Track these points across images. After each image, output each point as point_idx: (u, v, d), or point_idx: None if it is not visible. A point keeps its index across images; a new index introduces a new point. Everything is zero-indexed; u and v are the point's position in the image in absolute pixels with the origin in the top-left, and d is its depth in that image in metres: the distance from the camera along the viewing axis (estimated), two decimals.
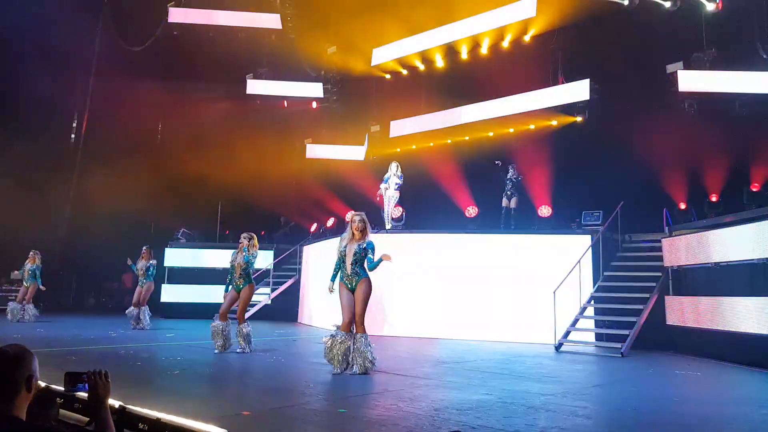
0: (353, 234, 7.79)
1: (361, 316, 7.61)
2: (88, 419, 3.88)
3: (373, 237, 8.07)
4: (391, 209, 13.79)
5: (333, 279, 7.95)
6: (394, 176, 13.68)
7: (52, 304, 15.54)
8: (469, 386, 7.02)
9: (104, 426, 2.58)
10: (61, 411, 4.65)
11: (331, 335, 7.66)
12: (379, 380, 7.29)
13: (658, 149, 12.80)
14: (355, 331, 7.59)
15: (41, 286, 14.96)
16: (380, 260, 7.71)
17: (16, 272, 17.87)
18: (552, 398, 6.22)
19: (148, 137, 18.74)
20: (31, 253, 15.22)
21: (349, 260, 7.71)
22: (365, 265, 7.73)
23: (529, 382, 7.54)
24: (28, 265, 15.10)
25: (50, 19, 17.57)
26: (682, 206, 13.22)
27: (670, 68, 13.81)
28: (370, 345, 7.57)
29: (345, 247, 7.81)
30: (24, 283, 15.10)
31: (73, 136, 21.62)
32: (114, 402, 4.30)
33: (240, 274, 9.78)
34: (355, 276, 7.69)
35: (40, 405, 3.52)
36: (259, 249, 12.15)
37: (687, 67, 13.62)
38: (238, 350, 9.41)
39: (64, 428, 2.67)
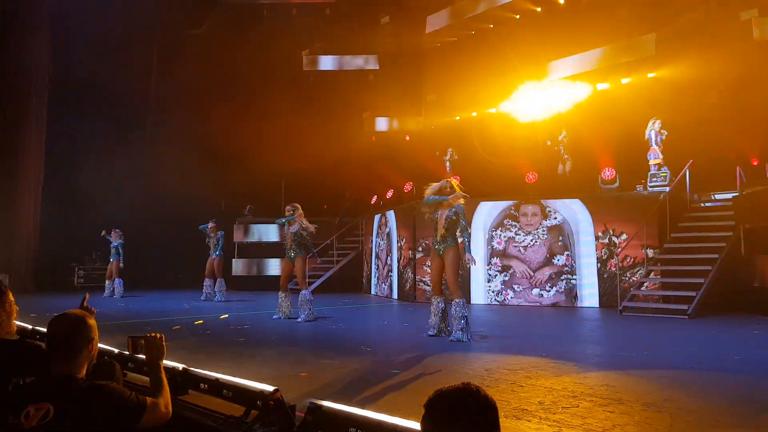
0: (441, 203, 7.81)
1: (453, 283, 7.72)
2: None
3: None
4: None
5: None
6: (654, 131, 12.74)
7: (132, 280, 16.41)
8: (525, 348, 7.06)
9: (159, 385, 2.78)
10: (131, 374, 5.05)
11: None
12: (438, 343, 7.42)
13: (730, 101, 12.17)
14: (451, 297, 7.72)
15: (121, 264, 15.74)
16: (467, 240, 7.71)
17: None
18: (605, 358, 6.18)
19: (210, 118, 19.26)
20: (112, 231, 16.02)
21: (440, 226, 7.81)
22: (457, 233, 7.77)
23: (586, 344, 7.51)
24: (113, 243, 15.89)
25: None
26: (755, 162, 12.56)
27: (743, 16, 13.08)
28: (464, 309, 7.57)
29: (437, 213, 7.87)
30: (110, 260, 15.96)
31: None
32: (178, 365, 4.63)
33: (291, 244, 10.11)
34: (443, 243, 7.76)
35: (105, 368, 3.83)
36: (323, 222, 12.55)
37: (763, 14, 12.83)
38: (299, 319, 9.72)
39: (125, 387, 2.91)
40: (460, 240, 7.80)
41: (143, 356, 3.12)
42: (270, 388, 3.90)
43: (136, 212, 19.40)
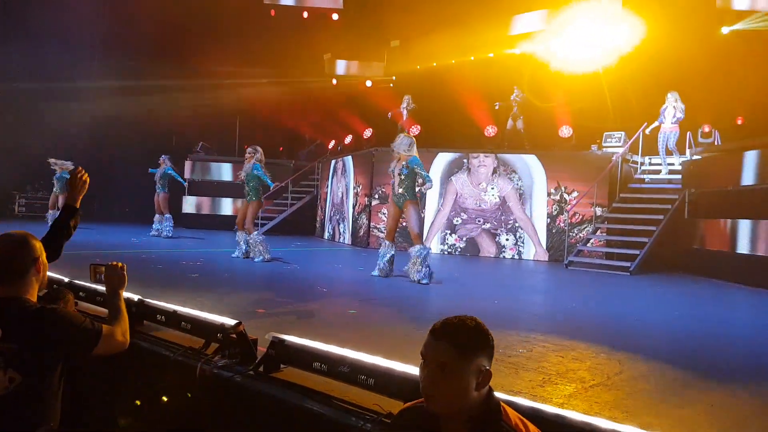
0: (399, 156, 8.09)
1: (416, 232, 7.97)
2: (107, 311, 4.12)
3: None
4: (673, 146, 12.18)
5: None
6: (672, 107, 12.09)
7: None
8: (476, 294, 7.23)
9: (117, 313, 2.70)
10: (82, 303, 4.94)
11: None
12: (396, 286, 7.52)
13: (687, 67, 12.42)
14: (414, 243, 7.91)
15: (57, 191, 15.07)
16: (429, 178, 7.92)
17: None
18: (554, 308, 6.40)
19: (167, 48, 18.44)
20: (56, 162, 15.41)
21: (396, 180, 8.08)
22: (417, 183, 8.08)
23: (535, 294, 7.75)
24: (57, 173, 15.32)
25: None
26: (706, 129, 12.95)
27: None
28: (426, 253, 7.76)
29: (393, 168, 8.19)
30: (54, 191, 15.36)
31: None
32: (133, 296, 4.55)
33: (248, 186, 9.98)
34: (402, 196, 8.01)
35: (56, 296, 3.72)
36: (278, 164, 12.42)
37: None
38: (257, 259, 9.66)
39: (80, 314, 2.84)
40: (418, 189, 8.12)
41: (101, 286, 3.04)
42: (231, 321, 3.88)
43: (82, 141, 18.67)
